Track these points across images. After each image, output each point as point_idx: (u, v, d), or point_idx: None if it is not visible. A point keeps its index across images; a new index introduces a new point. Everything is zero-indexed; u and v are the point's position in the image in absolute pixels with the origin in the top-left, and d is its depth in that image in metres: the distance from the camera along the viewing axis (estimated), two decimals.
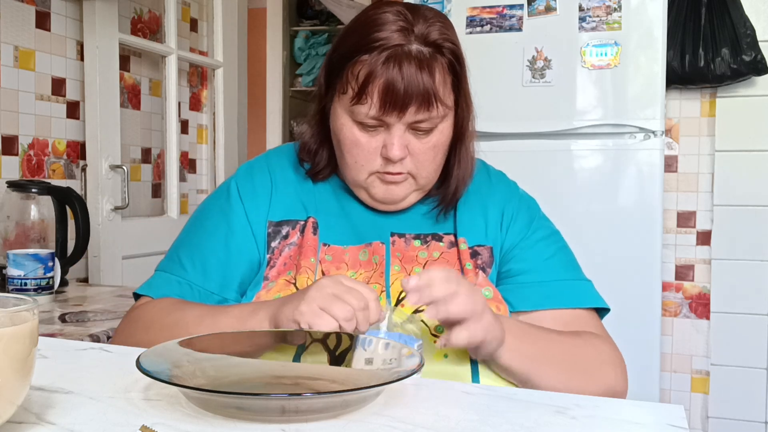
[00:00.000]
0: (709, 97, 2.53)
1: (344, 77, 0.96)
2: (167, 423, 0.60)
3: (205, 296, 1.00)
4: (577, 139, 2.28)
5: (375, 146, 0.97)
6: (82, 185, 2.16)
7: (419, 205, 1.06)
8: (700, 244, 2.56)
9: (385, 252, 1.00)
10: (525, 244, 1.04)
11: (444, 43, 0.95)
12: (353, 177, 1.01)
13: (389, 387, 0.67)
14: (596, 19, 2.23)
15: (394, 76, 0.92)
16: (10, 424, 0.59)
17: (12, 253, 1.65)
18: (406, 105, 0.93)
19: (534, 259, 1.03)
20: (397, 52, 0.92)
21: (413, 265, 0.99)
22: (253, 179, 1.06)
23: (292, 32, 4.35)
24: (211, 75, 2.81)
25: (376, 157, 0.98)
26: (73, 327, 1.43)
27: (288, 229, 1.02)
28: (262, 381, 0.74)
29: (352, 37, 0.97)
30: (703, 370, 2.55)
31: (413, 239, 1.03)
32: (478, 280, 0.99)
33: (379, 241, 1.02)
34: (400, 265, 0.99)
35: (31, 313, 0.57)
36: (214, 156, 2.84)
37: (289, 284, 0.97)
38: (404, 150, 0.96)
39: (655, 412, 0.68)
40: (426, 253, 1.01)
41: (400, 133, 0.96)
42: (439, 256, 1.01)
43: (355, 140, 0.97)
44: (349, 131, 0.97)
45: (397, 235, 1.03)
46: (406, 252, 1.01)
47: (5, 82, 1.91)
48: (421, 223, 1.05)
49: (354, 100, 0.95)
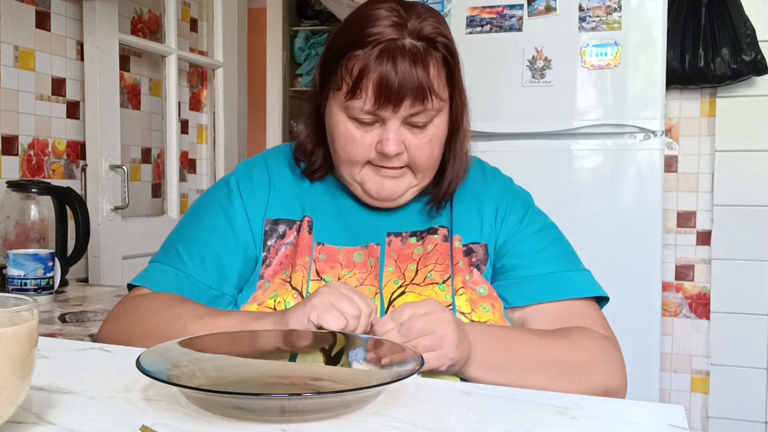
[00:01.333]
0: (709, 97, 2.53)
1: (338, 73, 0.97)
2: (167, 423, 0.60)
3: (202, 290, 1.00)
4: (577, 139, 2.28)
5: (370, 141, 0.97)
6: (82, 185, 2.16)
7: (414, 203, 1.06)
8: (700, 244, 2.56)
9: (380, 254, 1.01)
10: (517, 238, 1.04)
11: (437, 38, 0.96)
12: (348, 172, 1.01)
13: (389, 387, 0.67)
14: (596, 19, 2.23)
15: (388, 70, 0.92)
16: (10, 424, 0.59)
17: (12, 253, 1.65)
18: (401, 99, 0.93)
19: (527, 253, 1.03)
20: (390, 47, 0.93)
21: (407, 263, 1.00)
22: (252, 176, 1.06)
23: (292, 32, 4.35)
24: (211, 75, 2.81)
25: (371, 152, 0.98)
26: (73, 327, 1.43)
27: (285, 228, 1.03)
28: (262, 381, 0.74)
29: (346, 34, 0.98)
30: (703, 370, 2.55)
31: (409, 237, 1.03)
32: (472, 277, 0.99)
33: (375, 243, 1.02)
34: (395, 266, 1.00)
35: (31, 313, 0.57)
36: (214, 156, 2.84)
37: (285, 283, 0.97)
38: (400, 145, 0.96)
39: (655, 412, 0.68)
40: (421, 248, 1.02)
41: (396, 128, 0.96)
42: (432, 249, 1.01)
43: (349, 136, 0.97)
44: (344, 127, 0.98)
45: (393, 235, 1.03)
46: (402, 251, 1.02)
47: (5, 82, 1.91)
48: (416, 220, 1.05)
49: (348, 96, 0.95)
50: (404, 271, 0.99)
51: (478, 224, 1.05)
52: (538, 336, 0.94)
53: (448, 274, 0.98)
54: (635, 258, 2.21)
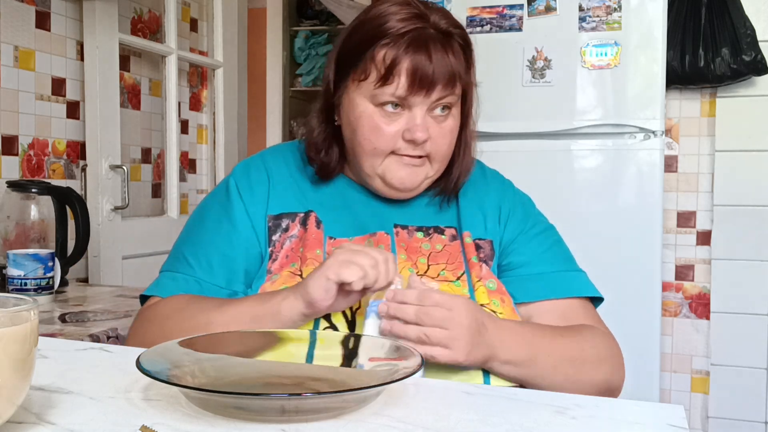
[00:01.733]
0: (709, 97, 2.53)
1: (363, 65, 0.99)
2: (167, 423, 0.60)
3: (214, 291, 1.01)
4: (577, 139, 2.28)
5: (396, 130, 0.99)
6: (82, 185, 2.16)
7: (420, 197, 1.08)
8: (700, 244, 2.56)
9: (390, 242, 1.02)
10: (523, 239, 1.07)
11: (457, 30, 1.00)
12: (369, 164, 1.02)
13: (389, 387, 0.67)
14: (596, 19, 2.23)
15: (421, 56, 0.95)
16: (10, 424, 0.59)
17: (12, 253, 1.65)
18: (434, 84, 0.96)
19: (532, 252, 1.06)
20: (421, 34, 0.96)
21: (418, 256, 1.01)
22: (249, 176, 1.07)
23: (292, 32, 4.34)
24: (211, 75, 2.81)
25: (396, 141, 0.99)
26: (73, 327, 1.43)
27: (288, 221, 1.04)
28: (262, 381, 0.74)
29: (366, 28, 0.99)
30: (703, 370, 2.55)
31: (415, 231, 1.05)
32: (482, 272, 1.00)
33: (384, 232, 1.03)
34: (406, 254, 1.01)
35: (31, 313, 0.57)
36: (214, 156, 2.84)
37: (294, 276, 0.98)
38: (427, 132, 0.98)
39: (655, 412, 0.68)
40: (429, 245, 1.03)
41: (422, 115, 0.98)
42: (442, 249, 1.02)
43: (375, 125, 0.99)
44: (369, 117, 0.99)
45: (400, 227, 1.05)
46: (410, 243, 1.03)
47: (5, 82, 1.91)
48: (422, 215, 1.07)
49: (380, 83, 0.97)
50: (416, 261, 1.00)
51: (482, 221, 1.07)
52: (558, 334, 0.96)
53: (462, 270, 1.00)
54: (635, 258, 2.21)
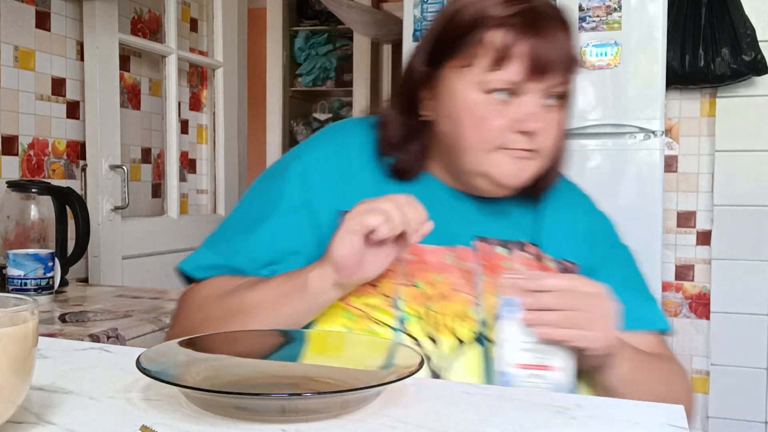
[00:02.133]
0: (709, 97, 2.53)
1: (468, 50, 0.90)
2: (167, 423, 0.60)
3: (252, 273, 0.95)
4: (577, 139, 2.28)
5: (505, 121, 0.89)
6: (82, 185, 2.16)
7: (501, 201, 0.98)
8: (700, 244, 2.56)
9: (472, 259, 0.94)
10: (608, 265, 1.00)
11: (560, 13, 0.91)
12: (474, 161, 0.92)
13: (389, 387, 0.67)
14: (596, 19, 2.23)
15: (538, 38, 0.87)
16: (10, 424, 0.59)
17: (12, 253, 1.65)
18: (552, 70, 0.88)
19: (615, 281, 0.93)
20: (534, 15, 0.87)
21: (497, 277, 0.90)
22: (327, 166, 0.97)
23: (292, 32, 4.35)
24: (211, 75, 2.81)
25: (506, 133, 0.90)
26: (73, 327, 1.43)
27: None
28: (262, 381, 0.74)
29: (468, 12, 0.90)
30: (703, 370, 2.55)
31: (497, 245, 0.96)
32: None
33: (465, 246, 0.95)
34: (487, 276, 0.93)
35: (31, 313, 0.57)
36: (214, 156, 2.83)
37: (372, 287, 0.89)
38: (542, 122, 0.90)
39: (655, 412, 0.68)
40: (510, 263, 0.95)
41: (537, 103, 0.89)
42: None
43: (481, 116, 0.89)
44: (474, 107, 0.90)
45: (480, 240, 0.96)
46: (491, 261, 0.94)
47: (5, 82, 1.91)
48: (501, 225, 0.98)
49: (492, 67, 0.88)
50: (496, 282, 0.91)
51: (567, 239, 0.99)
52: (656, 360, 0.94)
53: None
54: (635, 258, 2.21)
